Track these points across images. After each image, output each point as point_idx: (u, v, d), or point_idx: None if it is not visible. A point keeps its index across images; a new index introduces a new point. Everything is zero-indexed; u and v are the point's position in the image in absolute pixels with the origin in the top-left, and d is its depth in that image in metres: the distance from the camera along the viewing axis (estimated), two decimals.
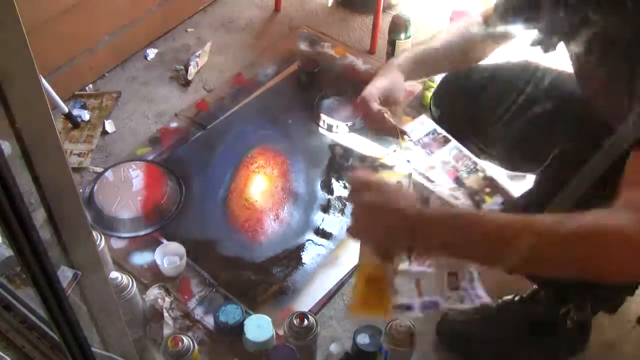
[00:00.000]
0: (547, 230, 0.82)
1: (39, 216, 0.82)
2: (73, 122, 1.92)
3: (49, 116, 0.73)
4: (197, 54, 2.15)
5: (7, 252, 1.41)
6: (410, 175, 1.00)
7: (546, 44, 1.04)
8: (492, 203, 1.01)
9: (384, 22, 2.11)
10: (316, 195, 1.75)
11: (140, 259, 1.61)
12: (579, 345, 1.40)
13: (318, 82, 2.03)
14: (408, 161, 1.08)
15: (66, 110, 1.87)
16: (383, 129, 1.14)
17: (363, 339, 1.39)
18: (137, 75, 2.12)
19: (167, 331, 1.43)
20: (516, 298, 1.34)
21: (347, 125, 1.91)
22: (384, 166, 1.77)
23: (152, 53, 2.19)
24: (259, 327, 1.41)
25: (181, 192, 1.75)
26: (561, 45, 1.06)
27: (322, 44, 2.20)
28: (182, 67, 2.12)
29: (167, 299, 1.48)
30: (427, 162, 1.08)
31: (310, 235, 1.66)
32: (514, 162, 1.29)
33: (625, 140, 0.83)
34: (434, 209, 0.99)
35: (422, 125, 1.11)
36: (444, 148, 1.09)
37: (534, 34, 1.05)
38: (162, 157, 1.84)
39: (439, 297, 0.92)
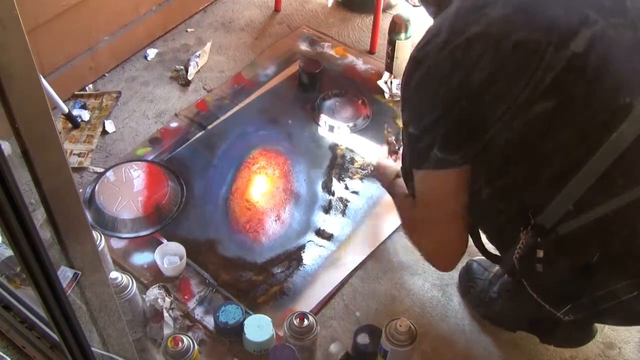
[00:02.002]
0: (403, 224, 1.43)
1: (39, 216, 0.82)
2: (73, 122, 1.92)
3: (49, 116, 0.73)
4: (197, 54, 2.15)
5: (7, 252, 1.41)
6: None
7: None
8: None
9: (384, 22, 2.11)
10: (317, 196, 1.75)
11: (140, 259, 1.61)
12: (579, 340, 1.41)
13: (319, 82, 2.03)
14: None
15: (66, 110, 1.87)
16: None
17: (363, 339, 1.39)
18: (137, 75, 2.12)
19: (167, 331, 1.43)
20: None
21: (348, 126, 1.91)
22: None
23: (152, 53, 2.19)
24: (259, 327, 1.41)
25: (182, 192, 1.75)
26: None
27: (322, 44, 2.20)
28: (182, 67, 2.13)
29: (167, 299, 1.48)
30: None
31: (311, 236, 1.66)
32: None
33: None
34: (396, 187, 1.47)
35: None
36: None
37: None
38: (162, 157, 1.84)
39: None
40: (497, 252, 1.31)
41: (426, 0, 1.21)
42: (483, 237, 1.32)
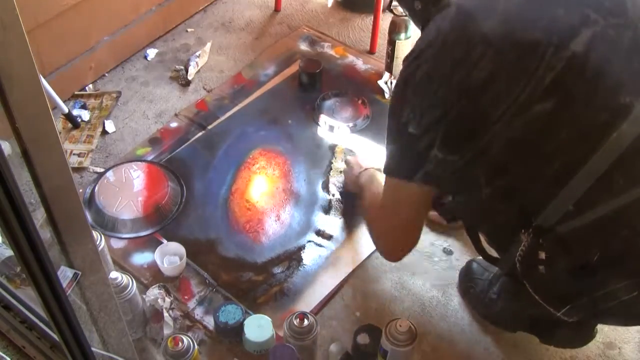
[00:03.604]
0: (363, 208, 1.53)
1: (39, 216, 0.82)
2: (73, 122, 1.92)
3: (49, 116, 0.72)
4: (197, 54, 2.15)
5: (7, 252, 1.41)
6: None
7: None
8: None
9: (384, 22, 2.11)
10: (317, 196, 1.75)
11: (140, 259, 1.61)
12: (579, 341, 1.41)
13: (319, 82, 2.03)
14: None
15: (66, 110, 1.87)
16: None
17: (363, 339, 1.39)
18: (137, 75, 2.12)
19: (167, 331, 1.43)
20: None
21: (348, 126, 1.91)
22: None
23: (152, 53, 2.19)
24: (259, 327, 1.41)
25: (182, 192, 1.75)
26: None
27: (322, 44, 2.20)
28: (182, 67, 2.13)
29: (167, 299, 1.48)
30: None
31: (311, 236, 1.66)
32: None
33: None
34: (363, 178, 1.58)
35: None
36: None
37: None
38: (162, 158, 1.84)
39: None
40: (496, 254, 1.31)
41: (414, 15, 1.22)
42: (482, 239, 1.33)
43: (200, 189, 1.76)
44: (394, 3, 1.32)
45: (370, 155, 1.78)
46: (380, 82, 2.03)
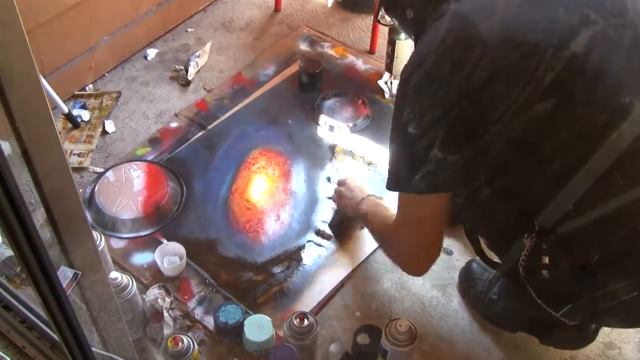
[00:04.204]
0: (375, 232, 1.50)
1: (39, 216, 0.82)
2: (73, 122, 1.92)
3: (49, 116, 0.73)
4: (197, 54, 2.15)
5: (7, 252, 1.41)
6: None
7: None
8: None
9: None
10: (317, 196, 1.75)
11: (140, 259, 1.61)
12: (580, 342, 1.41)
13: (319, 82, 2.03)
14: None
15: (66, 110, 1.87)
16: None
17: (363, 339, 1.39)
18: (137, 75, 2.12)
19: (167, 331, 1.43)
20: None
21: (348, 126, 1.91)
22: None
23: (152, 53, 2.19)
24: (259, 327, 1.41)
25: (182, 192, 1.75)
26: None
27: (322, 44, 2.20)
28: (182, 67, 2.13)
29: (167, 299, 1.48)
30: None
31: (311, 236, 1.66)
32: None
33: None
34: (366, 205, 1.54)
35: None
36: None
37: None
38: (162, 157, 1.84)
39: None
40: (496, 258, 1.31)
41: (405, 23, 1.21)
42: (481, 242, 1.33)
43: (200, 189, 1.76)
44: (381, 13, 1.29)
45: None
46: (380, 82, 2.03)
